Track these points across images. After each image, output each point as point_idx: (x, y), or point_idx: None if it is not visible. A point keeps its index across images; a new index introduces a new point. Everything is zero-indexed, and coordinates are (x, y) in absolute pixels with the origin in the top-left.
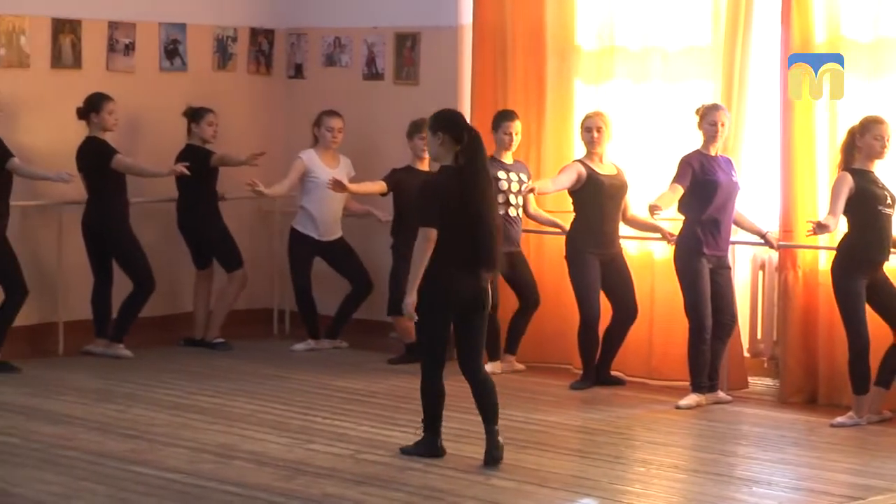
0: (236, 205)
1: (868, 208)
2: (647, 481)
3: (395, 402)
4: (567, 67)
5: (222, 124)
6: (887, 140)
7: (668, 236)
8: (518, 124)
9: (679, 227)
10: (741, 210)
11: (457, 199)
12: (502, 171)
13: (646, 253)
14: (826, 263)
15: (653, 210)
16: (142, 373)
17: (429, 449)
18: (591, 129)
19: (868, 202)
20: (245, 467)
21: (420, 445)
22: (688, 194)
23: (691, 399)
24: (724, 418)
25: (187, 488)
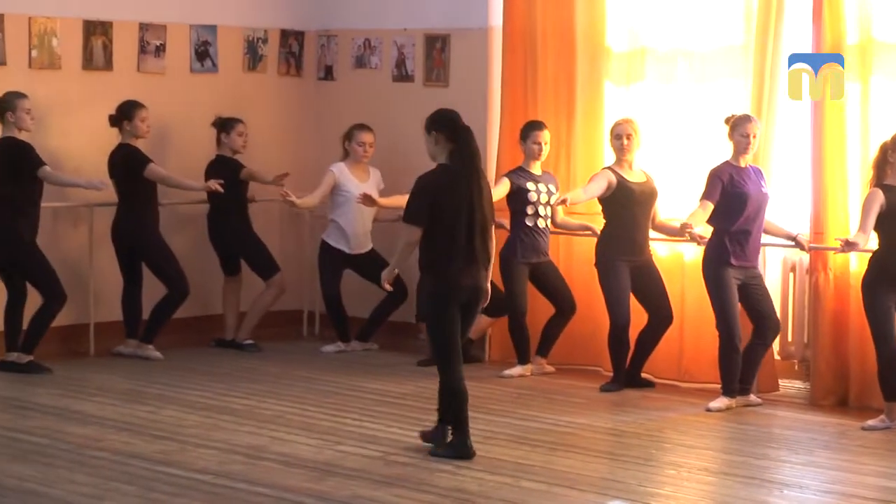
0: (266, 207)
1: None
2: (678, 484)
3: (425, 404)
4: (597, 69)
5: (252, 126)
6: None
7: (699, 238)
8: (547, 134)
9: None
10: (770, 216)
11: (451, 196)
12: (531, 183)
13: (676, 255)
14: (857, 266)
15: (684, 229)
16: (172, 374)
17: (460, 450)
18: (621, 137)
19: None
20: (275, 468)
21: (450, 447)
22: (717, 206)
23: (722, 402)
24: (755, 421)
25: (217, 489)
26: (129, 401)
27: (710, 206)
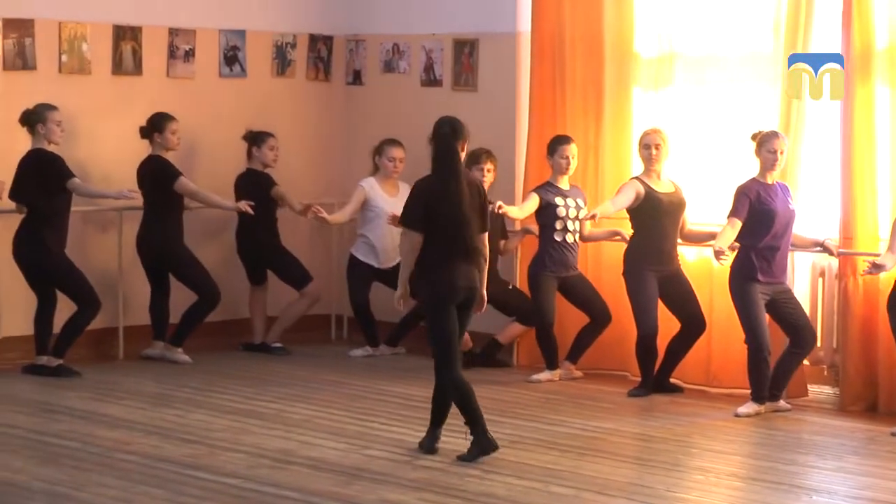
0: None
1: None
2: (706, 489)
3: (453, 409)
4: (625, 74)
5: (280, 131)
6: None
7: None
8: (574, 147)
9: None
10: (796, 229)
11: (442, 200)
12: (559, 197)
13: (704, 260)
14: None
15: (719, 256)
16: (200, 378)
17: (483, 446)
18: (650, 147)
19: None
20: (302, 472)
21: (474, 447)
22: (745, 223)
23: (751, 408)
24: (784, 426)
25: (245, 493)
26: (157, 404)
27: (739, 224)
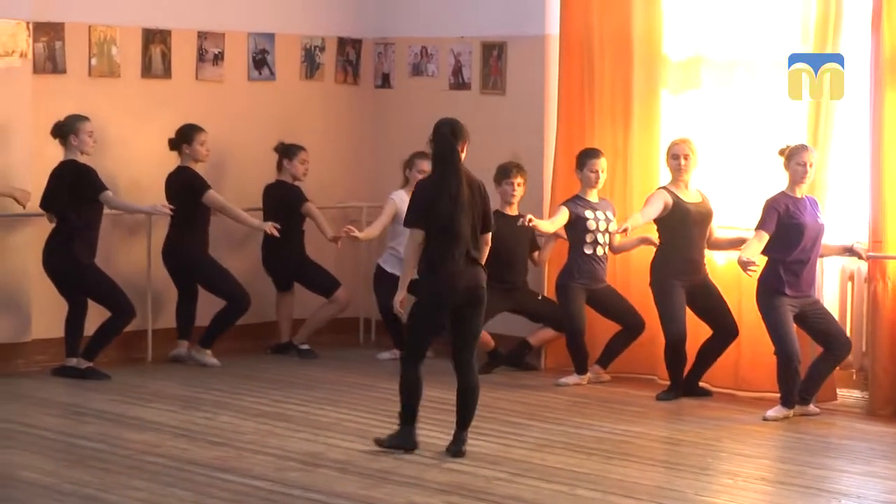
0: (322, 215)
1: None
2: (734, 493)
3: (481, 411)
4: (653, 77)
5: (309, 134)
6: None
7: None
8: (604, 161)
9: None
10: (824, 240)
11: (442, 200)
12: (588, 211)
13: (732, 264)
14: None
15: (747, 266)
16: (228, 380)
17: (404, 440)
18: (679, 157)
19: None
20: (330, 475)
21: (395, 437)
22: (773, 237)
23: (779, 412)
24: (813, 430)
25: (273, 496)
26: (186, 407)
27: (766, 237)
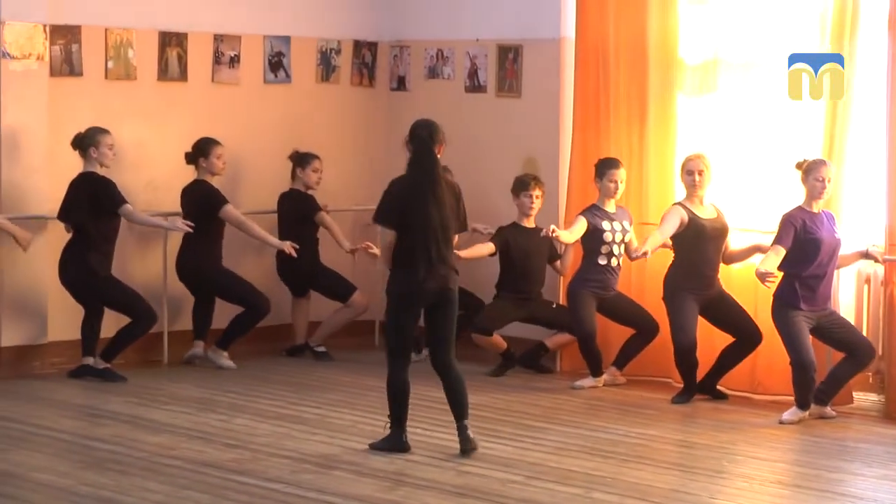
0: (335, 217)
1: None
2: (750, 497)
3: (496, 415)
4: (669, 80)
5: (324, 137)
6: None
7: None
8: (623, 172)
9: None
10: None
11: (413, 201)
12: (606, 222)
13: (747, 269)
14: None
15: (765, 278)
16: (244, 383)
17: (394, 444)
18: (693, 173)
19: None
20: (346, 478)
21: (386, 440)
22: (789, 252)
23: (795, 414)
24: (829, 434)
25: (289, 498)
26: (201, 409)
27: (783, 251)
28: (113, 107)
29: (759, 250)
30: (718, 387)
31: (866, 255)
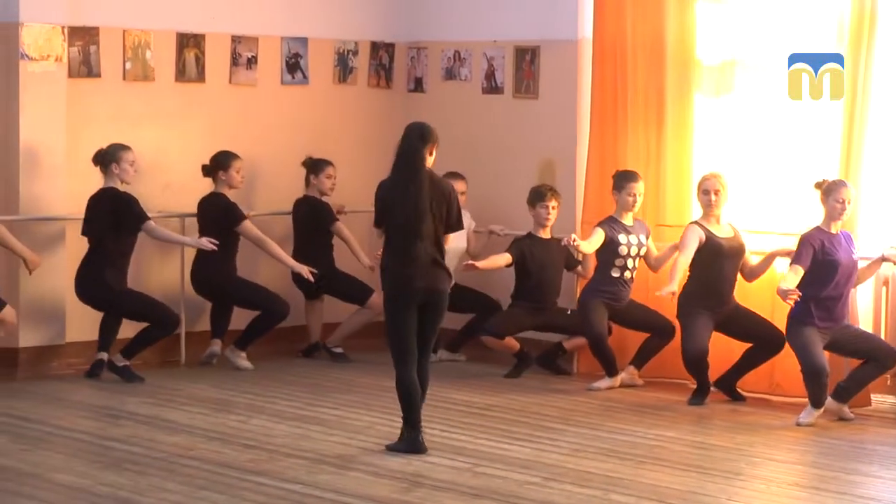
0: (352, 219)
1: None
2: (767, 498)
3: (513, 416)
4: (687, 81)
5: (342, 138)
6: None
7: (789, 253)
8: (641, 185)
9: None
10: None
11: (399, 201)
12: (622, 235)
13: (768, 270)
14: None
15: (787, 296)
16: (261, 384)
17: (411, 445)
18: (709, 192)
19: None
20: (363, 479)
21: (403, 442)
22: (807, 272)
23: (810, 415)
24: (846, 436)
25: (306, 499)
26: (219, 410)
27: (802, 271)
28: (131, 108)
29: (777, 256)
30: (737, 388)
31: (884, 259)
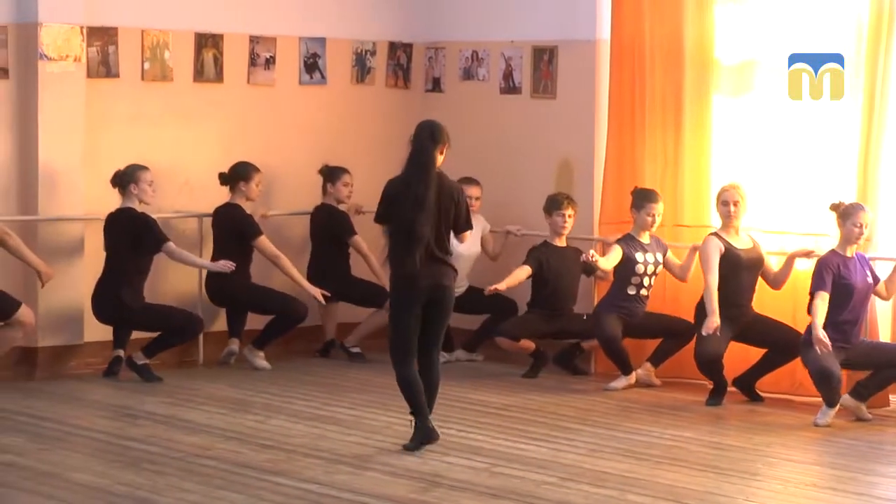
0: (368, 218)
1: None
2: (785, 499)
3: (530, 416)
4: (705, 81)
5: (359, 138)
6: None
7: (808, 254)
8: (661, 206)
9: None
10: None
11: (405, 200)
12: (640, 253)
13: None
14: None
15: (821, 344)
16: (279, 384)
17: (423, 435)
18: (728, 203)
19: None
20: (380, 479)
21: (415, 435)
22: None
23: (826, 415)
24: (864, 436)
25: (323, 499)
26: (236, 410)
27: (827, 296)
28: (149, 108)
29: (796, 257)
30: (756, 388)
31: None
